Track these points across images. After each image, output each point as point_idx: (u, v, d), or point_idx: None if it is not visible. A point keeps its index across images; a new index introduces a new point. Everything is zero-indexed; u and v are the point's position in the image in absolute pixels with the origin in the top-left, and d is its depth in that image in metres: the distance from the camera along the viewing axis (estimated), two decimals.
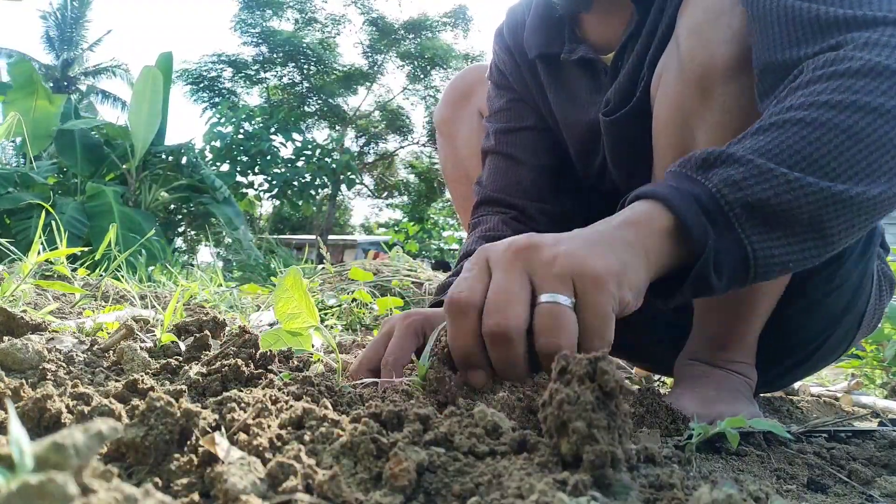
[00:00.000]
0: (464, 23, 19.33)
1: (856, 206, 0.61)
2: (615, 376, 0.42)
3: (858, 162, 0.61)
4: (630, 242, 0.59)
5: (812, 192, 0.59)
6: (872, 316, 1.03)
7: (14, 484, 0.24)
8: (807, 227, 0.61)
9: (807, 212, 0.60)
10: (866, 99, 0.62)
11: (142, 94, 8.92)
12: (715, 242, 0.59)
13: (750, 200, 0.59)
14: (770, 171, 0.59)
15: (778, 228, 0.60)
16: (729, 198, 0.59)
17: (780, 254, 0.61)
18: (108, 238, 1.66)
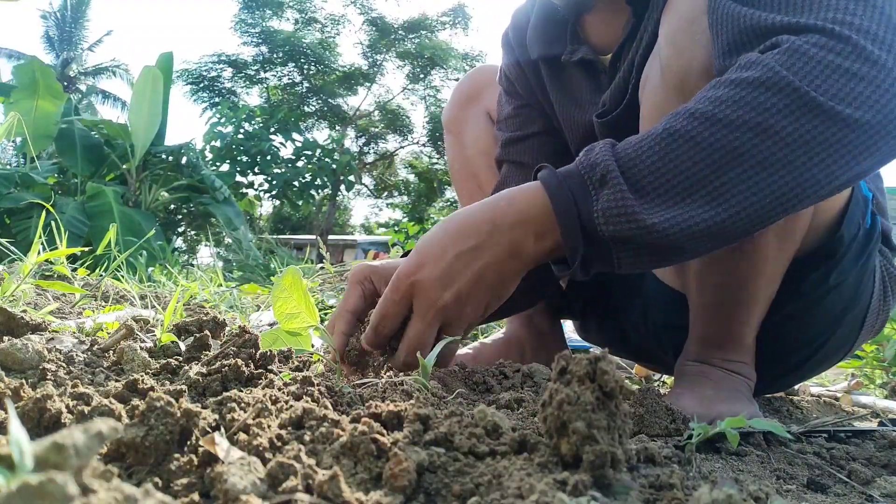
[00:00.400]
0: (463, 22, 19.33)
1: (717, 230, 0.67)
2: (615, 376, 0.42)
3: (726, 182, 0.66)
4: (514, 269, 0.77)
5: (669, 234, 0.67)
6: (877, 316, 1.03)
7: (14, 484, 0.24)
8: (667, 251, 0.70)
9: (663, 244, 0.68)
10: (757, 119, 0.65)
11: (142, 94, 8.92)
12: (585, 253, 0.73)
13: (617, 235, 0.69)
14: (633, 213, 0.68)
15: (642, 250, 0.70)
16: (603, 228, 0.70)
17: (644, 263, 0.72)
18: (107, 238, 1.66)
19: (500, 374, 0.98)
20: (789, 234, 0.86)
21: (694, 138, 0.67)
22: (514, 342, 1.32)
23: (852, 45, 0.66)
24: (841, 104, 0.65)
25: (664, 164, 0.68)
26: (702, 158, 0.67)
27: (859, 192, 0.93)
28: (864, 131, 0.65)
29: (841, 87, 0.65)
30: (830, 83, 0.65)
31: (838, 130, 0.65)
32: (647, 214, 0.68)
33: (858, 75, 0.65)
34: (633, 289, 1.20)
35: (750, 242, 0.85)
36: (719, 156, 0.66)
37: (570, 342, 1.66)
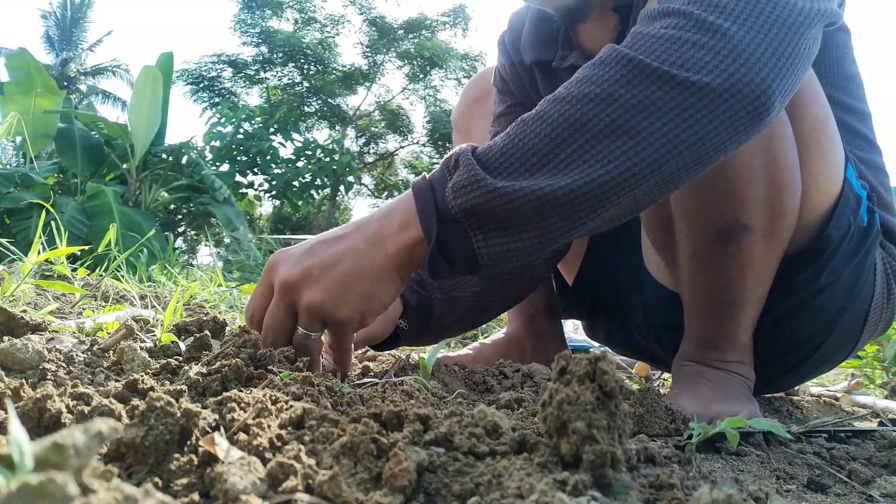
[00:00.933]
0: (463, 22, 19.32)
1: (566, 201, 0.67)
2: (615, 376, 0.42)
3: (571, 154, 0.67)
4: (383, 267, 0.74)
5: (514, 198, 0.67)
6: (880, 315, 1.02)
7: (14, 484, 0.24)
8: (518, 226, 0.68)
9: (514, 211, 0.67)
10: (596, 90, 0.67)
11: (142, 94, 8.91)
12: (441, 236, 0.71)
13: (465, 206, 0.69)
14: (478, 180, 0.68)
15: (494, 226, 0.69)
16: (452, 203, 0.69)
17: (502, 245, 0.70)
18: (107, 238, 1.66)
19: (500, 374, 0.98)
20: (775, 233, 0.86)
21: (541, 116, 0.69)
22: (514, 342, 1.32)
23: (694, 19, 0.68)
24: (678, 69, 0.66)
25: (513, 143, 0.70)
26: (546, 133, 0.68)
27: (850, 191, 0.93)
28: (706, 94, 0.66)
29: (680, 56, 0.67)
30: (669, 53, 0.67)
31: (678, 94, 0.66)
32: (492, 180, 0.68)
33: (698, 44, 0.67)
34: (634, 288, 1.21)
35: (735, 243, 0.85)
36: (562, 129, 0.68)
37: (570, 342, 1.66)
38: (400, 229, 0.74)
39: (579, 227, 0.69)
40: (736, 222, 0.85)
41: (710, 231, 0.86)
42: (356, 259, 0.74)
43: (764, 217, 0.85)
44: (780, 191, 0.85)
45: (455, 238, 0.71)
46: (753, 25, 0.68)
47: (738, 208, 0.84)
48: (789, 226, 0.87)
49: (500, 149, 0.70)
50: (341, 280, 0.73)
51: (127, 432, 0.42)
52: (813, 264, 0.92)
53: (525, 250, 0.70)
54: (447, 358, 1.22)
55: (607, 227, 0.73)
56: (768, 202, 0.84)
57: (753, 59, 0.66)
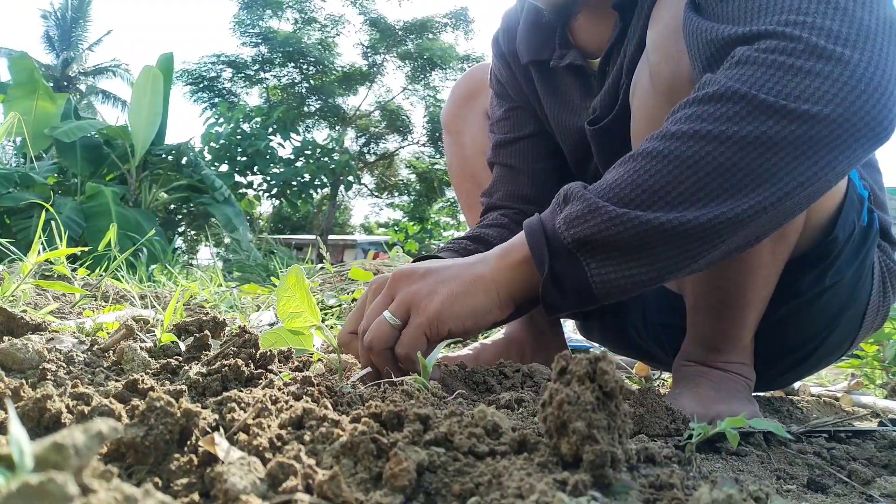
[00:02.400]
0: (464, 24, 19.32)
1: (684, 232, 0.67)
2: (615, 376, 0.42)
3: (689, 189, 0.67)
4: (482, 276, 0.78)
5: (633, 224, 0.67)
6: (877, 313, 1.02)
7: (14, 484, 0.24)
8: (637, 253, 0.69)
9: (630, 240, 0.68)
10: (709, 127, 0.66)
11: (142, 94, 8.92)
12: (553, 267, 0.73)
13: (580, 236, 0.70)
14: (598, 208, 0.69)
15: (611, 256, 0.70)
16: (565, 233, 0.71)
17: (616, 276, 0.71)
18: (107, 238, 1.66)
19: (500, 374, 0.98)
20: (782, 236, 0.86)
21: (651, 153, 0.69)
22: (514, 342, 1.32)
23: (804, 43, 0.65)
24: (794, 101, 0.64)
25: (623, 179, 0.70)
26: (658, 170, 0.68)
27: (854, 192, 0.93)
28: (825, 126, 0.64)
29: (795, 86, 0.65)
30: (783, 84, 0.65)
31: (796, 128, 0.64)
32: (611, 207, 0.68)
33: (813, 72, 0.65)
34: None
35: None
36: (674, 167, 0.67)
37: (570, 342, 1.66)
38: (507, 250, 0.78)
39: (694, 260, 0.70)
40: None
41: None
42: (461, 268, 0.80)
43: None
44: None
45: (568, 268, 0.72)
46: (864, 48, 0.65)
47: None
48: (797, 229, 0.87)
49: (611, 184, 0.70)
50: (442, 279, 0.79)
51: (127, 432, 0.42)
52: (818, 266, 0.91)
53: (639, 279, 0.70)
54: (447, 358, 1.22)
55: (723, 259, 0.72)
56: None
57: (868, 85, 0.64)
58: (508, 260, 0.78)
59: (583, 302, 0.74)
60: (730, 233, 0.67)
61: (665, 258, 0.69)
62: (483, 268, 0.79)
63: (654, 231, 0.67)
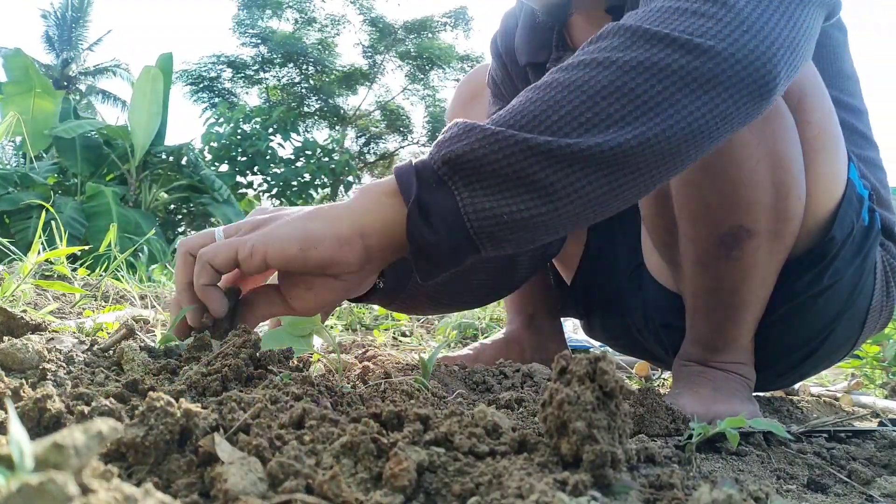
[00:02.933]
0: (464, 23, 19.32)
1: (562, 157, 0.61)
2: (615, 376, 0.42)
3: (572, 113, 0.63)
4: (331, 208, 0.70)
5: (510, 143, 0.62)
6: (880, 312, 1.02)
7: (14, 484, 0.24)
8: (516, 181, 0.62)
9: (508, 162, 0.62)
10: (596, 55, 0.65)
11: (142, 94, 8.92)
12: (419, 193, 0.64)
13: (451, 155, 0.63)
14: (473, 128, 0.63)
15: (485, 180, 0.63)
16: (436, 156, 0.64)
17: (491, 207, 0.63)
18: (108, 238, 1.66)
19: (500, 374, 0.98)
20: (780, 238, 0.86)
21: (536, 85, 0.67)
22: (514, 342, 1.32)
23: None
24: (682, 34, 0.64)
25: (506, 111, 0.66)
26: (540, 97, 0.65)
27: (853, 192, 0.93)
28: (711, 57, 0.63)
29: (684, 23, 0.65)
30: (673, 21, 0.66)
31: (680, 56, 0.63)
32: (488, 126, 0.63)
33: (705, 14, 0.66)
34: (634, 288, 1.21)
35: (739, 249, 0.85)
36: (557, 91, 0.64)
37: (570, 342, 1.66)
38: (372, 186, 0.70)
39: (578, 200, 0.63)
40: (741, 228, 0.84)
41: (715, 236, 0.86)
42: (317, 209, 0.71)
43: (769, 222, 0.84)
44: (785, 196, 0.84)
45: (436, 196, 0.64)
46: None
47: (743, 213, 0.84)
48: (794, 230, 0.87)
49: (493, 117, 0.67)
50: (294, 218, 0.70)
51: (127, 432, 0.42)
52: (816, 266, 0.91)
53: (519, 215, 0.63)
54: (447, 358, 1.22)
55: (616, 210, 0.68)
56: (773, 207, 0.84)
57: (758, 29, 0.65)
58: (369, 193, 0.69)
59: (455, 241, 0.64)
60: (615, 164, 0.63)
61: (545, 192, 0.63)
62: (341, 205, 0.70)
63: (532, 153, 0.61)
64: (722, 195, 0.84)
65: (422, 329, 2.05)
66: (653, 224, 1.01)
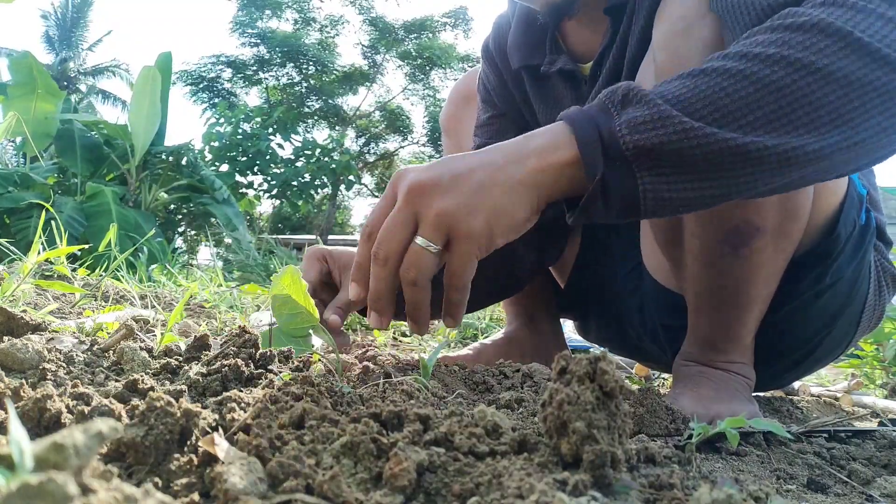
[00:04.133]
0: (464, 23, 19.33)
1: (759, 158, 0.62)
2: (615, 376, 0.42)
3: (770, 114, 0.62)
4: (521, 181, 0.67)
5: (706, 142, 0.61)
6: (873, 313, 1.03)
7: (14, 484, 0.24)
8: (703, 173, 0.63)
9: (698, 158, 0.62)
10: (798, 55, 0.62)
11: (141, 94, 8.92)
12: (605, 175, 0.64)
13: (644, 143, 0.62)
14: (670, 117, 0.62)
15: (672, 171, 0.63)
16: (626, 138, 0.63)
17: (668, 194, 0.64)
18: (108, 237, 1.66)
19: (500, 374, 0.98)
20: (786, 235, 0.86)
21: (726, 71, 0.63)
22: (514, 342, 1.32)
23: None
24: (889, 48, 0.62)
25: (695, 92, 0.63)
26: (737, 90, 0.62)
27: (854, 190, 0.93)
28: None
29: (888, 33, 0.62)
30: (876, 28, 0.62)
31: (884, 75, 0.61)
32: (685, 119, 0.61)
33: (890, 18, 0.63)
34: (631, 288, 1.21)
35: (746, 246, 0.85)
36: (756, 87, 0.62)
37: (570, 342, 1.66)
38: (549, 148, 0.67)
39: (753, 188, 0.64)
40: (748, 224, 0.84)
41: (721, 232, 0.85)
42: (492, 170, 0.67)
43: (776, 219, 0.84)
44: (794, 193, 0.84)
45: (620, 178, 0.64)
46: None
47: (751, 210, 0.83)
48: (801, 228, 0.87)
49: (679, 95, 0.63)
50: (475, 189, 0.66)
51: (127, 432, 0.42)
52: (820, 265, 0.91)
53: (690, 199, 0.64)
54: (447, 358, 1.22)
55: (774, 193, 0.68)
56: (781, 204, 0.83)
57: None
58: (551, 160, 0.66)
59: (623, 215, 0.67)
60: (800, 168, 0.63)
61: (726, 183, 0.64)
62: (519, 169, 0.67)
63: (729, 152, 0.61)
64: None
65: None
66: (656, 221, 1.00)
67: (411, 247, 0.68)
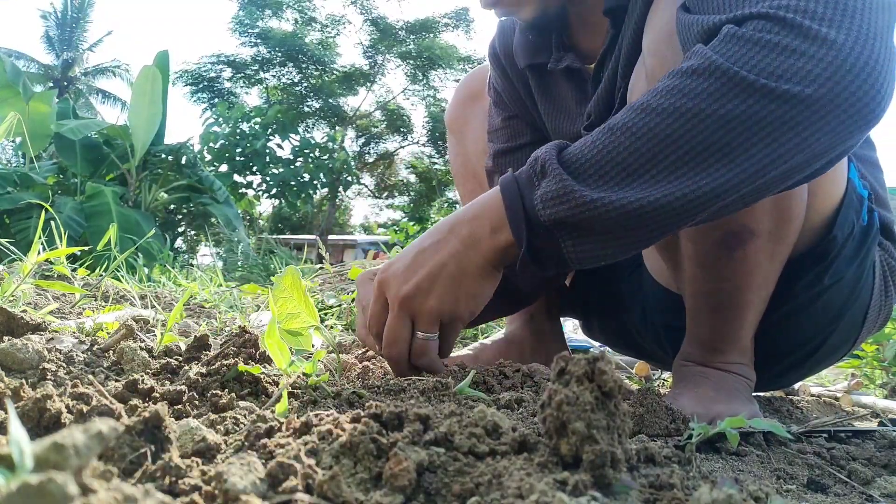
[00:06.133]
0: (465, 24, 19.33)
1: (657, 210, 0.67)
2: (613, 376, 0.42)
3: (667, 164, 0.67)
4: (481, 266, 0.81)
5: (606, 210, 0.68)
6: (878, 312, 1.02)
7: (14, 484, 0.24)
8: (612, 232, 0.71)
9: (603, 223, 0.69)
10: (689, 103, 0.66)
11: (141, 94, 8.91)
12: (533, 242, 0.75)
13: (556, 216, 0.71)
14: (571, 192, 0.70)
15: (586, 234, 0.72)
16: (542, 213, 0.72)
17: (591, 250, 0.73)
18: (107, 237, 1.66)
19: (500, 374, 0.98)
20: (781, 238, 0.86)
21: (630, 128, 0.69)
22: (514, 342, 1.32)
23: (790, 24, 0.65)
24: (777, 81, 0.64)
25: (601, 153, 0.70)
26: (637, 147, 0.68)
27: (853, 192, 0.93)
28: (808, 106, 0.63)
29: (778, 65, 0.64)
30: (767, 62, 0.64)
31: (777, 108, 0.64)
32: (584, 191, 0.69)
33: (798, 51, 0.64)
34: (633, 289, 1.21)
35: (741, 249, 0.85)
36: (654, 144, 0.67)
37: (570, 342, 1.66)
38: (492, 233, 0.79)
39: (669, 233, 0.72)
40: (743, 227, 0.84)
41: (716, 235, 0.86)
42: (457, 262, 0.81)
43: (771, 222, 0.84)
44: (787, 195, 0.84)
45: (545, 244, 0.75)
46: (850, 29, 0.65)
47: (745, 214, 0.83)
48: (795, 230, 0.87)
49: (588, 158, 0.71)
50: (450, 284, 0.81)
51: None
52: (817, 267, 0.91)
53: (613, 255, 0.73)
54: (447, 358, 1.22)
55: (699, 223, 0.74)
56: (775, 207, 0.84)
57: (853, 66, 0.63)
58: (496, 243, 0.79)
59: (559, 269, 0.78)
60: (703, 208, 0.68)
61: (637, 236, 0.71)
62: (476, 256, 0.80)
63: (627, 215, 0.68)
64: None
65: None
66: None
67: (415, 341, 0.84)
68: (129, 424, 0.41)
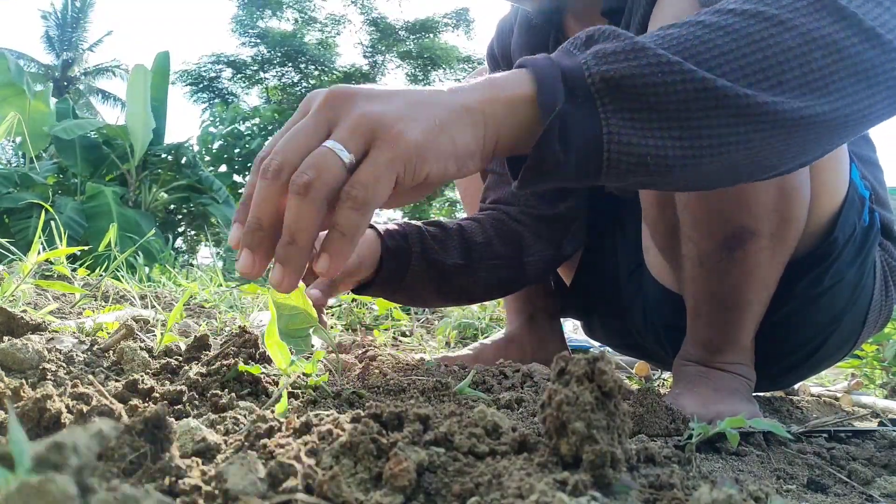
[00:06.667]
0: (465, 24, 19.33)
1: (737, 107, 0.55)
2: (613, 376, 0.42)
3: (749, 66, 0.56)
4: (468, 108, 0.56)
5: (686, 79, 0.54)
6: (879, 313, 1.02)
7: (14, 484, 0.24)
8: (673, 117, 0.55)
9: (675, 98, 0.54)
10: (775, 12, 0.58)
11: (135, 94, 8.90)
12: (564, 109, 0.54)
13: (613, 74, 0.54)
14: (645, 48, 0.54)
15: (640, 111, 0.55)
16: (593, 69, 0.54)
17: (638, 141, 0.55)
18: (107, 237, 1.66)
19: (500, 374, 0.98)
20: (782, 239, 0.86)
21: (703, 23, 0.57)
22: (514, 342, 1.32)
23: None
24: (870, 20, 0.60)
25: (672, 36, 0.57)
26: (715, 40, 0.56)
27: (855, 193, 0.93)
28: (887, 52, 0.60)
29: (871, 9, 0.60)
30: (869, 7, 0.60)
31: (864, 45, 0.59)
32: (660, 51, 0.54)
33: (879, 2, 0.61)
34: (633, 289, 1.21)
35: (741, 249, 0.85)
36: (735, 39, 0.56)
37: (570, 342, 1.66)
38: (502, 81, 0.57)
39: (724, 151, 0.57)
40: (743, 229, 0.84)
41: (717, 237, 0.86)
42: (435, 93, 0.56)
43: (772, 223, 0.84)
44: (788, 197, 0.84)
45: (581, 116, 0.54)
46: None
47: (746, 214, 0.83)
48: (797, 231, 0.87)
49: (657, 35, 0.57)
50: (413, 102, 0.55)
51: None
52: (817, 267, 0.91)
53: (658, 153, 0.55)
54: (447, 358, 1.22)
55: (722, 181, 0.63)
56: (777, 208, 0.84)
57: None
58: (505, 93, 0.57)
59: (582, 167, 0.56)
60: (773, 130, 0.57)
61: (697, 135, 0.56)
62: (467, 97, 0.56)
63: (709, 94, 0.54)
64: (725, 196, 0.84)
65: (422, 329, 2.05)
66: (655, 225, 1.00)
67: (316, 149, 0.52)
68: (129, 424, 0.41)
